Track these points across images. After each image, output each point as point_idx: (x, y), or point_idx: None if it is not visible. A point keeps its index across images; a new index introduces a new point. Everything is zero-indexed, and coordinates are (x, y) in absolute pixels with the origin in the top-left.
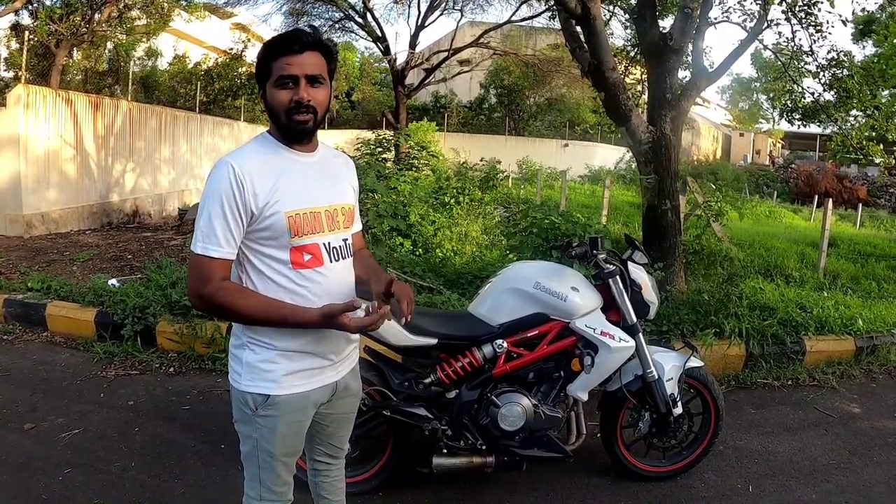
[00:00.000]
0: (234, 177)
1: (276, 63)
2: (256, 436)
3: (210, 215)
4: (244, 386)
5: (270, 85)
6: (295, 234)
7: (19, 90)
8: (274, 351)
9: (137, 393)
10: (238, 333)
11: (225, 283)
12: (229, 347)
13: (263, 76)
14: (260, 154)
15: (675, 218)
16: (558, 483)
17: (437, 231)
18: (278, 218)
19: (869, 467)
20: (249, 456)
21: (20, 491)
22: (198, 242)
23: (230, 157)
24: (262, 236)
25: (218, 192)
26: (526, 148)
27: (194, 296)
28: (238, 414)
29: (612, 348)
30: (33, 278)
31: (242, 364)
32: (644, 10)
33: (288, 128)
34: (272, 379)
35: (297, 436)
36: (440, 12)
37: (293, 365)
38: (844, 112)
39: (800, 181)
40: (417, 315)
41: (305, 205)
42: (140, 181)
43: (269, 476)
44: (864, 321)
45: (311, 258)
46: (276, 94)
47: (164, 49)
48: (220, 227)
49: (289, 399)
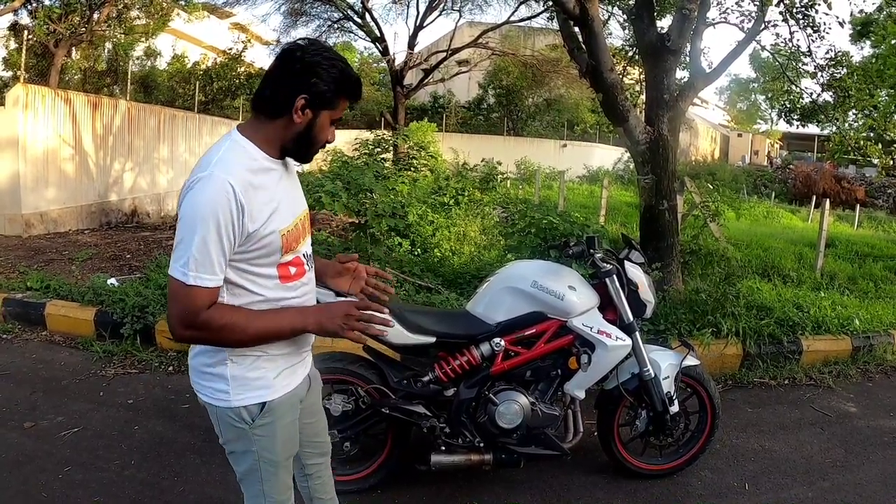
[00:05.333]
0: (235, 197)
1: (344, 102)
2: (256, 448)
3: (205, 240)
4: (235, 401)
5: (327, 115)
6: (286, 252)
7: (18, 90)
8: (259, 357)
9: (137, 392)
10: (213, 349)
11: (217, 306)
12: (198, 368)
13: (323, 101)
14: (248, 168)
15: (673, 218)
16: (556, 480)
17: (435, 231)
18: (274, 238)
19: (865, 466)
20: (250, 473)
21: (20, 489)
22: (188, 272)
23: (223, 171)
24: (251, 256)
25: (214, 214)
26: (524, 148)
27: (183, 326)
28: (230, 433)
29: (608, 347)
30: (32, 277)
31: (227, 380)
32: (642, 10)
33: (306, 157)
34: (265, 385)
35: (293, 437)
36: (439, 13)
37: (279, 366)
38: (842, 112)
39: (798, 182)
40: (416, 314)
41: (292, 218)
42: (139, 181)
43: (274, 486)
44: (860, 321)
45: (296, 271)
46: (325, 128)
47: (162, 49)
48: (215, 254)
49: (282, 400)
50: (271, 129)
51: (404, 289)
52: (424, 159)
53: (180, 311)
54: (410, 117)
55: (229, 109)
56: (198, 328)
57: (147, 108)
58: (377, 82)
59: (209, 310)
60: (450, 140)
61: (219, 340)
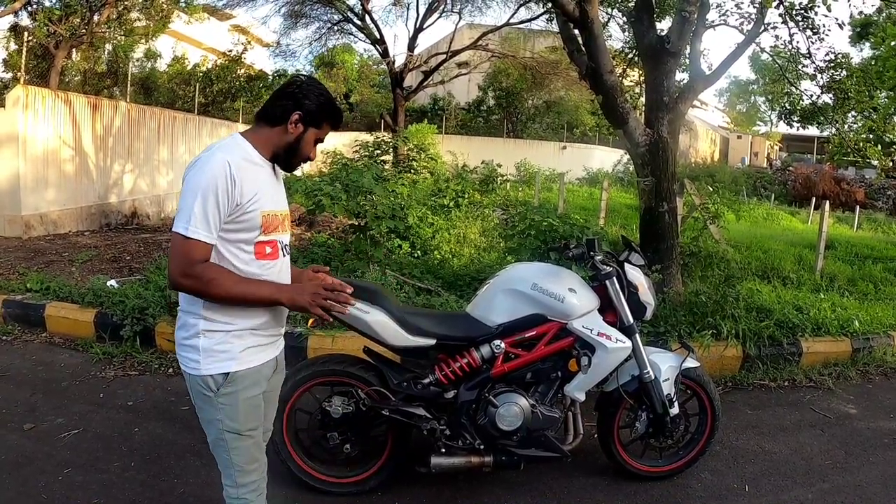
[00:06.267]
0: (230, 172)
1: (327, 125)
2: (220, 416)
3: (204, 202)
4: (204, 370)
5: (313, 133)
6: (264, 231)
7: (18, 91)
8: (229, 332)
9: (137, 393)
10: (189, 324)
11: (209, 262)
12: (178, 341)
13: (313, 120)
14: (244, 156)
15: (673, 220)
16: (556, 482)
17: (435, 233)
18: (255, 215)
19: (865, 467)
20: (218, 442)
21: (20, 491)
22: (188, 226)
23: (223, 153)
24: (236, 228)
25: (213, 182)
26: (524, 150)
27: (179, 274)
28: (199, 400)
29: (609, 349)
30: (32, 279)
31: (199, 350)
32: (641, 12)
33: (290, 165)
34: (231, 357)
35: (256, 409)
36: (439, 15)
37: (245, 342)
38: (842, 114)
39: (797, 183)
40: (416, 316)
41: (274, 207)
42: (139, 182)
43: (241, 456)
44: (860, 323)
45: (271, 251)
46: (310, 143)
47: (163, 50)
48: (211, 215)
49: (246, 374)
50: (268, 135)
51: (404, 291)
52: (424, 161)
53: (179, 261)
54: (410, 119)
55: (229, 111)
56: (192, 277)
57: (147, 110)
58: (377, 84)
59: (203, 264)
60: (449, 142)
61: (206, 291)
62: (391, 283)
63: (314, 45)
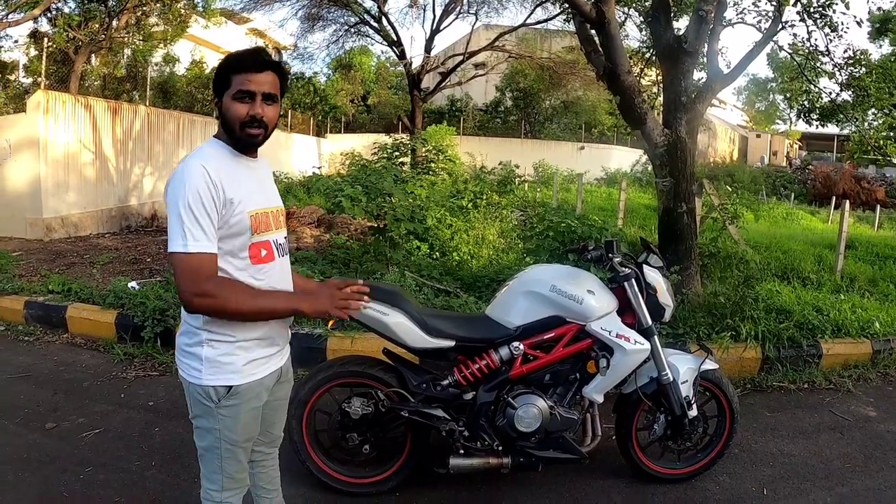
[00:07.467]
0: (209, 177)
1: (237, 77)
2: (219, 427)
3: (192, 214)
4: (206, 380)
5: (228, 96)
6: (255, 232)
7: (39, 96)
8: (233, 344)
9: (157, 394)
10: (192, 331)
11: (221, 277)
12: (180, 347)
13: (222, 87)
14: (220, 158)
15: (691, 221)
16: (573, 484)
17: (453, 234)
18: (243, 217)
19: (884, 471)
20: (210, 449)
21: (42, 489)
22: (185, 242)
23: (198, 160)
24: (225, 234)
25: (195, 191)
26: (542, 151)
27: (193, 293)
28: (197, 409)
29: (627, 351)
30: (54, 281)
31: (202, 360)
32: (658, 12)
33: (240, 139)
34: (234, 370)
35: (255, 421)
36: (455, 16)
37: (250, 355)
38: (862, 112)
39: (817, 182)
40: (435, 317)
41: (261, 205)
42: (158, 185)
43: (232, 465)
44: (881, 324)
45: (266, 254)
46: (234, 106)
47: (181, 55)
48: (204, 224)
49: (249, 387)
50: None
51: (423, 292)
52: (442, 163)
53: (188, 281)
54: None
55: None
56: (207, 296)
57: (166, 114)
58: (394, 86)
59: (214, 279)
60: (467, 143)
61: (224, 309)
62: (410, 285)
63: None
